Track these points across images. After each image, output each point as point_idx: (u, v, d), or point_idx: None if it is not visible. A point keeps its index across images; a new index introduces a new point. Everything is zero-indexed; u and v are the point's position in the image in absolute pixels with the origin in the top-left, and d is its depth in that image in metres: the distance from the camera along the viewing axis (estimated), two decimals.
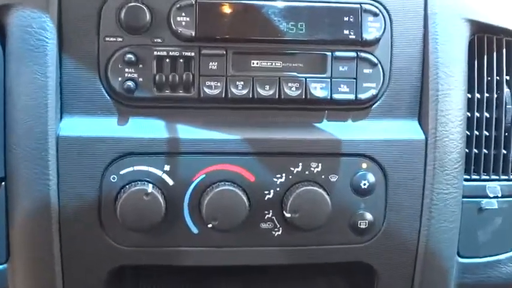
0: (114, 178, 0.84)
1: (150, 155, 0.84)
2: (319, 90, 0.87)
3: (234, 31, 0.85)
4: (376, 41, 0.88)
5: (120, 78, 0.84)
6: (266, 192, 0.86)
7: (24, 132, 0.82)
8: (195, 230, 0.86)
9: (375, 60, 0.88)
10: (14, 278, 0.86)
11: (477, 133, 0.93)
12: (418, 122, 0.91)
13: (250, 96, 0.85)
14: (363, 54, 0.88)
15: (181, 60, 0.85)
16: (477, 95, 0.93)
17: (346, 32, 0.87)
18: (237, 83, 0.85)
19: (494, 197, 0.93)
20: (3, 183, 0.84)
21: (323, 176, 0.86)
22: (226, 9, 0.85)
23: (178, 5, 0.84)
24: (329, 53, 0.87)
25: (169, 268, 0.89)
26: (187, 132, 0.86)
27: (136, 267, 0.90)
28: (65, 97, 0.84)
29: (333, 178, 0.87)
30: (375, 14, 0.87)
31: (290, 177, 0.86)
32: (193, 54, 0.85)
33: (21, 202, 0.83)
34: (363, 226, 0.88)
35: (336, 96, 0.87)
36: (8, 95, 0.83)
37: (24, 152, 0.82)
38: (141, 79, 0.84)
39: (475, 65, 0.92)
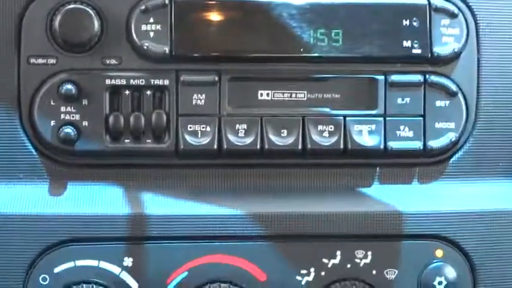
0: (44, 279, 0.72)
1: (102, 243, 0.72)
2: (366, 136, 0.75)
3: (230, 45, 0.74)
4: (455, 57, 0.76)
5: (53, 122, 0.73)
6: None
7: None
8: None
9: (454, 87, 0.76)
10: None
11: None
12: None
13: (258, 147, 0.74)
14: (434, 78, 0.76)
15: (148, 93, 0.74)
16: None
17: (406, 43, 0.75)
18: (237, 126, 0.74)
19: None
20: None
21: (375, 272, 0.75)
22: (218, 11, 0.74)
23: (143, 7, 0.72)
24: (381, 77, 0.76)
25: None
26: (158, 205, 0.74)
27: None
28: None
29: (391, 275, 0.75)
30: (452, 15, 0.76)
31: (322, 273, 0.74)
32: (167, 82, 0.74)
33: None
34: None
35: (392, 144, 0.76)
36: None
37: None
38: (85, 123, 0.73)
39: None
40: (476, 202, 0.78)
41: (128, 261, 0.72)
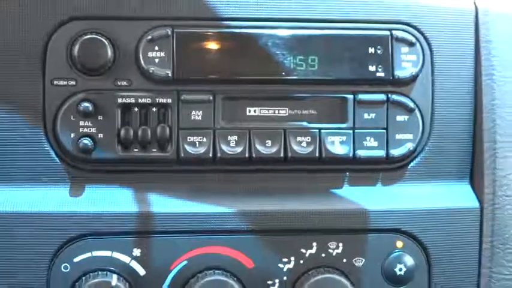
0: (66, 267, 0.78)
1: (114, 236, 0.79)
2: (338, 146, 0.82)
3: (224, 69, 0.81)
4: (412, 79, 0.83)
5: (73, 135, 0.79)
6: (269, 282, 0.80)
7: None
8: None
9: (411, 104, 0.83)
10: None
11: None
12: (470, 185, 0.86)
13: (247, 155, 0.81)
14: (395, 97, 0.83)
15: (154, 109, 0.80)
16: None
17: (372, 68, 0.82)
18: (229, 138, 0.81)
19: None
20: None
21: (345, 260, 0.81)
22: (213, 41, 0.80)
23: (149, 37, 0.79)
24: (350, 96, 0.82)
25: None
26: (163, 204, 0.80)
27: None
28: (0, 161, 0.80)
29: (359, 263, 0.82)
30: (410, 44, 0.82)
31: (301, 262, 0.81)
32: (170, 101, 0.80)
33: None
34: None
35: (360, 153, 0.82)
36: None
37: None
38: (100, 135, 0.80)
39: None
40: (431, 201, 0.83)
41: (137, 252, 0.78)
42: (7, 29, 0.78)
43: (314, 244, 0.81)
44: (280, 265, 0.80)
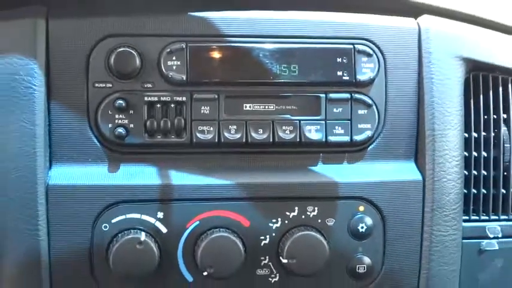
0: (105, 227, 0.83)
1: (143, 203, 0.84)
2: (313, 133, 0.87)
3: (226, 74, 0.85)
4: (370, 82, 0.88)
5: (110, 125, 0.84)
6: (262, 237, 0.85)
7: (13, 182, 0.81)
8: (190, 278, 0.85)
9: (370, 101, 0.88)
10: None
11: (475, 173, 0.93)
12: (415, 162, 0.91)
13: (244, 140, 0.85)
14: (357, 96, 0.88)
15: (172, 105, 0.84)
16: (474, 134, 0.93)
17: (339, 73, 0.87)
18: (230, 127, 0.85)
19: (494, 238, 0.93)
20: None
21: (319, 220, 0.86)
22: (218, 53, 0.85)
23: (168, 49, 0.84)
24: (323, 95, 0.87)
25: None
26: (180, 178, 0.85)
27: None
28: (54, 145, 0.84)
29: (330, 222, 0.87)
30: (369, 55, 0.87)
31: (286, 222, 0.86)
32: (184, 99, 0.85)
33: (11, 255, 0.82)
34: (361, 271, 0.87)
35: (331, 138, 0.87)
36: None
37: (12, 203, 0.81)
38: (131, 125, 0.84)
39: (471, 104, 0.92)
40: (385, 175, 0.89)
41: (160, 215, 0.83)
42: (63, 45, 0.83)
43: (296, 208, 0.86)
44: (270, 224, 0.85)
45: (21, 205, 0.81)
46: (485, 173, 0.94)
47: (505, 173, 0.94)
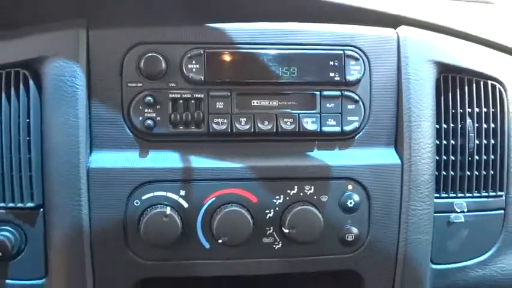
0: (137, 203, 0.89)
1: (168, 182, 0.89)
2: (310, 124, 0.93)
3: (237, 75, 0.91)
4: (358, 82, 0.94)
5: (140, 118, 0.90)
6: (267, 211, 0.91)
7: (59, 165, 0.88)
8: (207, 245, 0.92)
9: (357, 97, 0.94)
10: None
11: (445, 158, 0.98)
12: (395, 149, 0.96)
13: (252, 130, 0.91)
14: (346, 93, 0.94)
15: (192, 101, 0.91)
16: (444, 126, 0.98)
17: (331, 74, 0.93)
18: (241, 119, 0.91)
19: (461, 212, 0.98)
20: (41, 209, 0.90)
21: (315, 197, 0.92)
22: (230, 57, 0.91)
23: (189, 55, 0.90)
24: (318, 93, 0.93)
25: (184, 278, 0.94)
26: (198, 162, 0.91)
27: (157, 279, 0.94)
28: (94, 135, 0.90)
29: (324, 198, 0.92)
30: (356, 59, 0.93)
31: (287, 198, 0.91)
32: (202, 95, 0.91)
33: (57, 226, 0.88)
34: (350, 239, 0.93)
35: (324, 128, 0.93)
36: (44, 134, 0.88)
37: (59, 183, 0.87)
38: (158, 118, 0.90)
39: (442, 100, 0.97)
40: (370, 160, 0.94)
41: (182, 192, 0.89)
42: (101, 51, 0.89)
43: (295, 187, 0.91)
44: (274, 200, 0.91)
45: (67, 185, 0.87)
46: (453, 158, 0.98)
47: (470, 158, 0.99)
